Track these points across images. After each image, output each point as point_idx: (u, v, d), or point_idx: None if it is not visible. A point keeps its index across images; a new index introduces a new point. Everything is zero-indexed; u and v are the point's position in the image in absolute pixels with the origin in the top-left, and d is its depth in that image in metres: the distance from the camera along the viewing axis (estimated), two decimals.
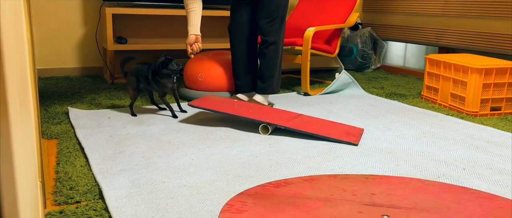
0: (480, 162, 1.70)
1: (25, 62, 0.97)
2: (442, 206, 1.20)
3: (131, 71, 2.25)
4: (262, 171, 1.55)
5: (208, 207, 1.27)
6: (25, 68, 0.96)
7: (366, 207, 1.18)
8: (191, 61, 2.68)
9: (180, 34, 3.53)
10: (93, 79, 3.18)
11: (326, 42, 3.12)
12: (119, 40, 3.10)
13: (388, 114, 2.41)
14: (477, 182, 1.51)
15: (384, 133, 2.05)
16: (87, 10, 3.27)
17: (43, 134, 1.93)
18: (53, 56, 3.25)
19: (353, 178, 1.41)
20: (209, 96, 2.28)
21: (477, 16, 3.15)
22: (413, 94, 2.96)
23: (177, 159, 1.64)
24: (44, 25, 3.18)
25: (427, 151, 1.81)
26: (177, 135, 1.93)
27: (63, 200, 1.30)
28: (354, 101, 2.70)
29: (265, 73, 2.46)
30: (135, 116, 2.21)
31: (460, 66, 2.49)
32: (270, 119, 2.00)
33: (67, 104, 2.44)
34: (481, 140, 1.98)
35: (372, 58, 3.93)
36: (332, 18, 3.18)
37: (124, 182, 1.42)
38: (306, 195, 1.26)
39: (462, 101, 2.48)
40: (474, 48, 3.20)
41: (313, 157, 1.70)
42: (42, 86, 2.90)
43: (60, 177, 1.47)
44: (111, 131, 1.96)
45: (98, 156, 1.65)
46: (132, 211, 1.23)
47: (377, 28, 4.04)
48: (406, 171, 1.59)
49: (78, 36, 3.29)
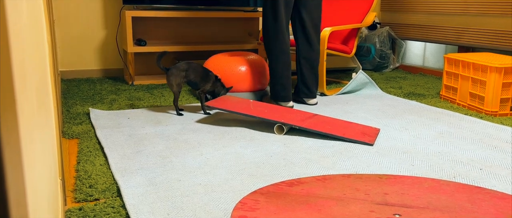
0: (497, 162, 1.68)
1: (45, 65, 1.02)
2: (455, 206, 1.19)
3: (176, 66, 2.28)
4: (276, 170, 1.57)
5: (222, 205, 1.30)
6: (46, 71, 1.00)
7: (378, 206, 1.19)
8: (207, 62, 2.72)
9: (198, 36, 3.58)
10: (114, 81, 3.25)
11: (342, 42, 3.11)
12: (139, 43, 3.17)
13: (405, 114, 2.40)
14: (493, 182, 1.50)
15: (400, 133, 2.04)
16: (108, 13, 3.35)
17: (65, 134, 1.99)
18: (75, 58, 3.34)
19: (367, 178, 1.41)
20: (225, 96, 2.31)
21: (497, 14, 3.10)
22: (431, 94, 2.93)
23: (193, 158, 1.67)
24: (66, 29, 3.27)
25: (444, 151, 1.80)
26: (194, 134, 1.97)
27: (83, 197, 1.35)
28: (371, 101, 2.69)
29: (314, 78, 2.52)
30: (182, 115, 2.28)
31: (479, 65, 2.45)
32: (285, 119, 2.02)
33: (88, 105, 2.51)
34: (499, 140, 1.96)
35: (390, 58, 3.90)
36: (349, 18, 3.17)
37: (141, 180, 1.46)
38: (319, 194, 1.27)
39: (481, 101, 2.45)
40: (494, 47, 3.15)
41: (327, 157, 1.71)
42: (64, 88, 2.98)
43: (80, 175, 1.52)
44: (130, 131, 2.00)
45: (117, 155, 1.70)
46: (148, 208, 1.27)
47: (395, 27, 4.01)
48: (421, 171, 1.59)
49: (99, 39, 3.37)
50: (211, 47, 3.34)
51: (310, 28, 2.43)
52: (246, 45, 3.46)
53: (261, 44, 3.36)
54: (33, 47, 0.71)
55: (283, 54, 2.39)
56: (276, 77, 2.43)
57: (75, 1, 3.24)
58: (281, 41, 2.37)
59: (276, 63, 2.41)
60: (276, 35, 2.37)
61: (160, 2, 3.22)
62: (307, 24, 2.42)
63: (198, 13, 3.23)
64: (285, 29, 2.38)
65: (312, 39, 2.44)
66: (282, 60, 2.39)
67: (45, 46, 1.06)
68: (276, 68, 2.41)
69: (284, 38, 2.38)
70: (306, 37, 2.43)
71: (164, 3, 3.24)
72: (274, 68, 2.42)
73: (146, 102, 2.60)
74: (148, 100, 2.64)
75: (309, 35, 2.42)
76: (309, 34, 2.41)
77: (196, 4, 3.33)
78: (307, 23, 2.42)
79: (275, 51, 2.39)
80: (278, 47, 2.38)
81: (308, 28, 2.42)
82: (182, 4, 3.29)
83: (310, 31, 2.43)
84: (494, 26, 3.14)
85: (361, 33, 3.93)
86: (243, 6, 3.48)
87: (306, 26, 2.42)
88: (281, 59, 2.39)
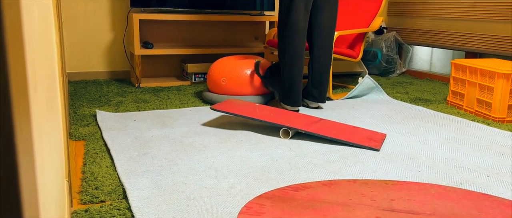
0: (505, 169, 1.67)
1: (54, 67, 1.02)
2: (461, 213, 1.19)
3: (270, 68, 2.55)
4: (281, 175, 1.57)
5: (227, 208, 1.30)
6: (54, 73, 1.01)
7: (384, 212, 1.18)
8: (213, 65, 2.73)
9: (204, 39, 3.59)
10: (120, 83, 3.26)
11: (349, 47, 3.11)
12: (146, 45, 3.18)
13: (412, 119, 2.39)
14: (501, 190, 1.49)
15: (407, 138, 2.04)
16: (115, 16, 3.37)
17: (72, 135, 2.00)
18: (82, 60, 3.36)
19: (372, 183, 1.41)
20: (231, 100, 2.31)
21: (505, 20, 3.08)
22: (438, 100, 2.92)
23: (199, 161, 1.67)
24: (74, 31, 3.29)
25: (450, 157, 1.79)
26: (200, 137, 1.97)
27: (89, 199, 1.35)
28: (377, 106, 2.68)
29: (326, 82, 2.51)
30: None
31: (487, 71, 2.44)
32: (291, 123, 2.01)
33: (95, 107, 2.52)
34: (507, 146, 1.94)
35: (397, 63, 3.89)
36: (355, 22, 3.17)
37: (147, 182, 1.47)
38: (324, 199, 1.27)
39: (489, 107, 2.43)
40: (502, 53, 3.13)
41: (333, 162, 1.71)
42: (71, 90, 3.00)
43: (86, 177, 1.53)
44: (136, 133, 2.01)
45: (123, 157, 1.70)
46: (154, 211, 1.27)
47: (402, 32, 4.00)
48: (427, 177, 1.58)
49: (106, 41, 3.39)
50: (218, 51, 3.35)
51: (326, 34, 2.43)
52: (252, 48, 3.47)
53: (268, 48, 3.36)
54: (43, 49, 0.72)
55: (297, 59, 2.36)
56: (287, 81, 2.41)
57: (83, 4, 3.26)
58: (295, 45, 2.35)
59: (289, 67, 2.38)
60: (291, 39, 2.35)
61: (167, 5, 3.24)
62: (323, 29, 2.42)
63: (205, 17, 3.24)
64: (302, 33, 2.35)
65: (327, 44, 2.44)
66: (296, 65, 2.37)
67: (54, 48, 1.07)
68: (289, 72, 2.39)
69: (299, 43, 2.35)
70: (321, 42, 2.42)
71: (171, 6, 3.26)
72: (287, 71, 2.40)
73: (153, 105, 2.61)
74: (154, 103, 2.65)
75: (324, 40, 2.42)
76: (324, 39, 2.41)
77: (203, 8, 3.34)
78: (323, 29, 2.42)
79: (289, 55, 2.36)
80: (293, 51, 2.35)
81: (324, 33, 2.41)
82: (189, 7, 3.31)
83: (326, 37, 2.43)
84: (501, 32, 3.12)
85: (367, 37, 3.92)
86: (250, 9, 3.48)
87: (322, 31, 2.42)
88: (295, 63, 2.37)
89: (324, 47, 2.42)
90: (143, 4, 3.16)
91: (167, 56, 3.48)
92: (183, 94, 2.91)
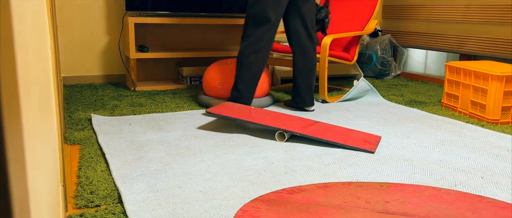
0: (499, 171, 1.68)
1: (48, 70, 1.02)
2: (456, 215, 1.19)
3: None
4: (277, 178, 1.57)
5: (223, 212, 1.30)
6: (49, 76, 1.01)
7: (379, 214, 1.19)
8: (209, 69, 2.73)
9: (200, 43, 3.59)
10: (116, 87, 3.26)
11: (344, 50, 3.12)
12: (141, 49, 3.18)
13: (406, 121, 2.40)
14: (495, 191, 1.49)
15: (401, 140, 2.04)
16: (111, 20, 3.36)
17: (67, 139, 1.99)
18: (77, 64, 3.35)
19: (367, 186, 1.41)
20: (227, 103, 2.32)
21: (499, 22, 3.11)
22: (433, 102, 2.93)
23: (194, 165, 1.67)
24: (69, 34, 3.29)
25: (445, 159, 1.80)
26: (195, 141, 1.97)
27: (84, 203, 1.35)
28: (372, 108, 2.69)
29: (308, 87, 2.52)
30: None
31: (481, 73, 2.45)
32: (287, 126, 2.02)
33: (90, 111, 2.51)
34: (501, 148, 1.95)
35: (392, 65, 3.90)
36: (350, 25, 3.18)
37: (143, 186, 1.46)
38: (320, 202, 1.27)
39: (483, 109, 2.45)
40: (496, 55, 3.15)
41: (328, 164, 1.71)
42: (67, 94, 2.99)
43: (81, 181, 1.52)
44: (132, 137, 2.01)
45: (119, 161, 1.70)
46: (149, 215, 1.27)
47: (397, 35, 4.02)
48: (422, 179, 1.58)
49: (102, 45, 3.38)
50: (213, 54, 3.35)
51: (305, 37, 2.43)
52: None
53: None
54: (36, 53, 0.72)
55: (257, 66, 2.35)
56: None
57: (78, 7, 3.26)
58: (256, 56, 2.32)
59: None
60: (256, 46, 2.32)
61: (162, 9, 3.24)
62: (301, 33, 2.42)
63: (201, 20, 3.25)
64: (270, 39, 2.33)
65: (307, 47, 2.45)
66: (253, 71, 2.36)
67: (48, 53, 1.07)
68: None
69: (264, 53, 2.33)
70: (300, 46, 2.44)
71: (167, 10, 3.26)
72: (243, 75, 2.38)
73: (148, 108, 2.61)
74: (150, 107, 2.65)
75: (304, 45, 2.43)
76: (304, 43, 2.42)
77: (199, 11, 3.34)
78: (301, 32, 2.42)
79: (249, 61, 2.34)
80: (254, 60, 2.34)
81: (302, 37, 2.42)
82: (185, 11, 3.31)
83: (305, 40, 2.44)
84: (496, 35, 3.14)
85: (362, 40, 3.94)
86: (243, 13, 3.49)
87: (301, 35, 2.42)
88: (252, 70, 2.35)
89: (303, 52, 2.44)
90: (139, 8, 3.17)
91: (163, 60, 3.48)
92: (179, 98, 2.91)
